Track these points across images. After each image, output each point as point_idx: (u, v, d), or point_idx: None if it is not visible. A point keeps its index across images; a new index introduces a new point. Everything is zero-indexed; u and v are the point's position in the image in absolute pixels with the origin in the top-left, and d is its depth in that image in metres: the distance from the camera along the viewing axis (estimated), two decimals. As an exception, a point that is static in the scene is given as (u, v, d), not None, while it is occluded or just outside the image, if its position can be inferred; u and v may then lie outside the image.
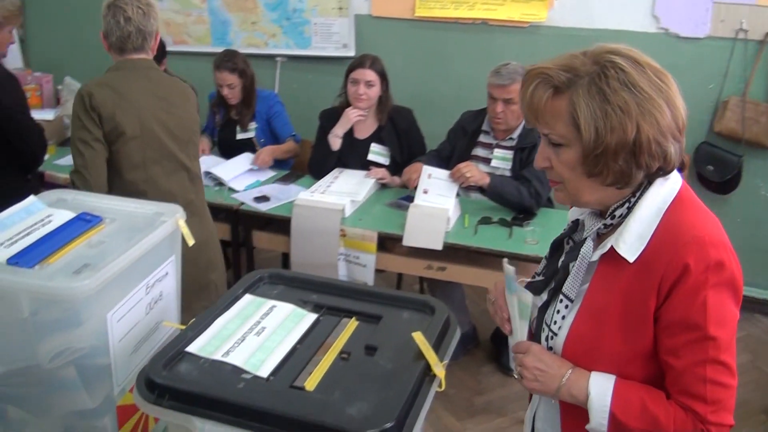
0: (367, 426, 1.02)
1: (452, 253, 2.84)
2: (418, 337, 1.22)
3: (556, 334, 1.29)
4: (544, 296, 1.35)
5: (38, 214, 1.51)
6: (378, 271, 3.26)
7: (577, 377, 1.23)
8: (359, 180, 3.30)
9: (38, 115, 4.21)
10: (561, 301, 1.29)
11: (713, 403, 1.16)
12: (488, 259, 2.82)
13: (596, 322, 1.24)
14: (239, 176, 3.48)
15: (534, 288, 1.36)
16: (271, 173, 3.62)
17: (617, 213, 1.24)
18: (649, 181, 1.22)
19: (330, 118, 3.48)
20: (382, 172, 3.37)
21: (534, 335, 1.37)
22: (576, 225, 1.36)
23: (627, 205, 1.23)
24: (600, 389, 1.20)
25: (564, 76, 1.17)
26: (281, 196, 3.25)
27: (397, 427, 1.04)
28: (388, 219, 2.99)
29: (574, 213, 1.39)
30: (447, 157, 3.31)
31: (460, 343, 3.39)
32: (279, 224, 3.18)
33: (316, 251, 2.98)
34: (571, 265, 1.29)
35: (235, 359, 1.20)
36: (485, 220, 2.98)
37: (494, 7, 4.02)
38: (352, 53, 4.35)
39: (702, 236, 1.16)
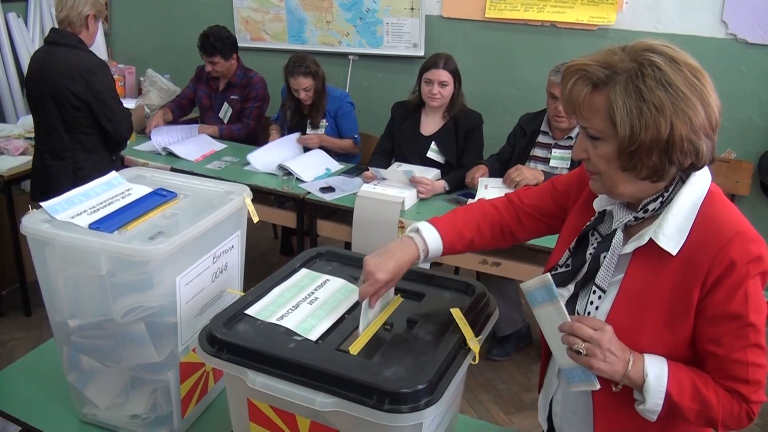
0: (400, 386, 1.12)
1: (508, 249, 2.89)
2: (456, 312, 1.31)
3: None
4: (571, 288, 1.37)
5: (119, 187, 1.68)
6: (435, 264, 3.36)
7: (635, 361, 1.24)
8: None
9: (121, 104, 4.48)
10: (594, 292, 1.32)
11: (754, 383, 1.23)
12: (543, 256, 2.87)
13: (636, 311, 1.27)
14: (310, 168, 3.62)
15: (558, 280, 1.35)
16: (339, 165, 3.75)
17: (650, 207, 1.27)
18: (682, 176, 1.25)
19: (402, 110, 3.61)
20: (425, 185, 3.22)
21: None
22: (602, 216, 1.38)
23: (660, 199, 1.26)
24: (657, 371, 1.23)
25: (602, 72, 1.19)
26: (345, 187, 3.37)
27: (429, 390, 1.13)
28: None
29: (600, 203, 1.38)
30: (507, 160, 3.36)
31: (512, 340, 3.49)
32: (342, 214, 3.31)
33: (376, 241, 3.07)
34: (602, 256, 1.31)
35: (288, 323, 1.32)
36: None
37: (563, 9, 4.05)
38: (421, 53, 4.45)
39: (744, 232, 1.21)
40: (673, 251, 1.24)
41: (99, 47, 5.36)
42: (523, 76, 4.28)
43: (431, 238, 1.44)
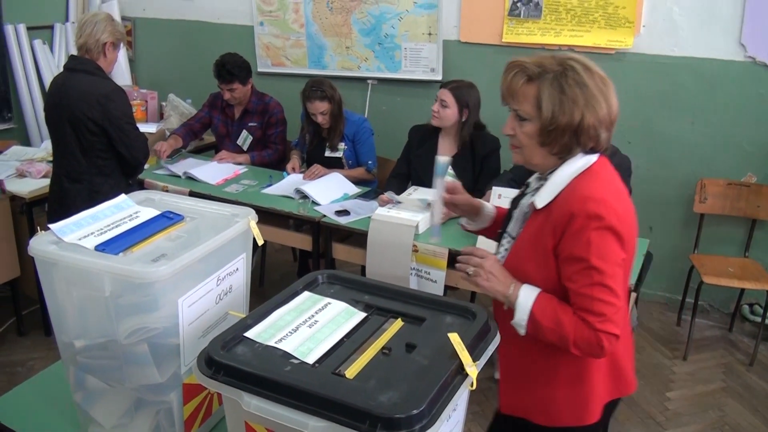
0: (394, 411, 1.11)
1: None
2: (454, 338, 1.30)
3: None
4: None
5: (128, 210, 1.70)
6: (452, 288, 3.34)
7: (516, 287, 1.60)
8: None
9: (142, 128, 4.50)
10: (505, 237, 1.76)
11: (600, 315, 1.51)
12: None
13: (520, 254, 1.66)
14: (327, 192, 3.64)
15: (498, 236, 1.82)
16: (356, 189, 3.76)
17: (549, 177, 1.63)
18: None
19: (418, 133, 3.64)
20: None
21: None
22: (527, 186, 1.78)
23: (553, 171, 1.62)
24: (527, 294, 1.58)
25: (536, 69, 1.56)
26: (361, 210, 3.38)
27: (423, 415, 1.12)
28: (461, 237, 3.05)
29: (531, 179, 1.77)
30: (520, 183, 3.36)
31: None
32: (358, 237, 3.31)
33: (390, 264, 3.09)
34: (514, 212, 1.76)
35: (287, 346, 1.32)
36: None
37: (581, 33, 4.06)
38: (439, 77, 4.48)
39: (587, 193, 1.54)
40: (538, 206, 1.61)
41: (123, 72, 5.47)
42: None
43: (490, 207, 2.00)
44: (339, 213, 3.38)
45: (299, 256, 4.47)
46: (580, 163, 1.60)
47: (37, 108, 5.06)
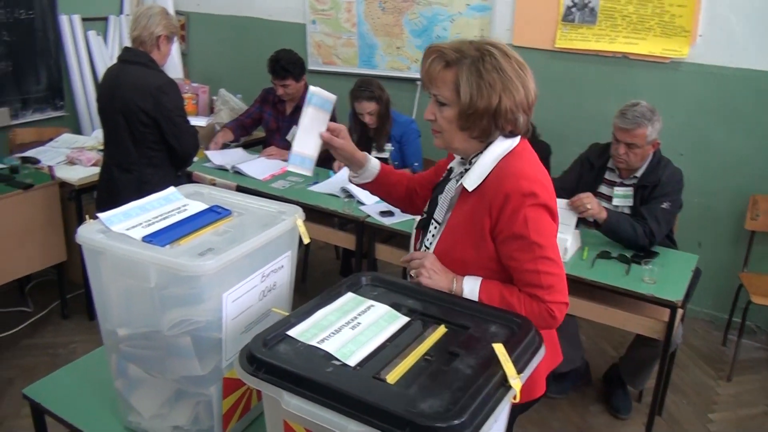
0: (435, 420, 1.09)
1: (568, 284, 2.82)
2: (499, 348, 1.28)
3: (428, 248, 1.72)
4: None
5: (176, 202, 1.71)
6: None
7: (458, 280, 1.62)
8: None
9: (193, 121, 4.58)
10: (432, 224, 1.74)
11: (548, 287, 1.58)
12: (604, 294, 2.80)
13: (452, 238, 1.67)
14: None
15: (421, 223, 1.81)
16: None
17: (473, 161, 1.66)
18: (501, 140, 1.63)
19: None
20: None
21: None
22: (449, 172, 1.78)
23: (478, 155, 1.64)
24: (471, 285, 1.61)
25: (454, 54, 1.57)
26: (404, 212, 3.35)
27: (464, 426, 1.10)
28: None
29: (453, 163, 1.78)
30: (569, 189, 3.30)
31: (570, 378, 3.40)
32: (401, 239, 3.30)
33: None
34: (439, 197, 1.74)
35: (329, 346, 1.31)
36: (604, 255, 2.96)
37: (636, 41, 3.98)
38: (489, 81, 4.43)
39: (518, 173, 1.58)
40: (469, 188, 1.63)
41: (175, 66, 5.55)
42: (592, 108, 4.21)
43: (375, 165, 1.96)
44: (384, 213, 3.37)
45: (342, 255, 4.47)
46: (505, 145, 1.63)
47: (89, 97, 5.17)
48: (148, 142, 3.13)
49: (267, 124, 4.43)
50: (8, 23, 4.64)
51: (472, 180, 1.63)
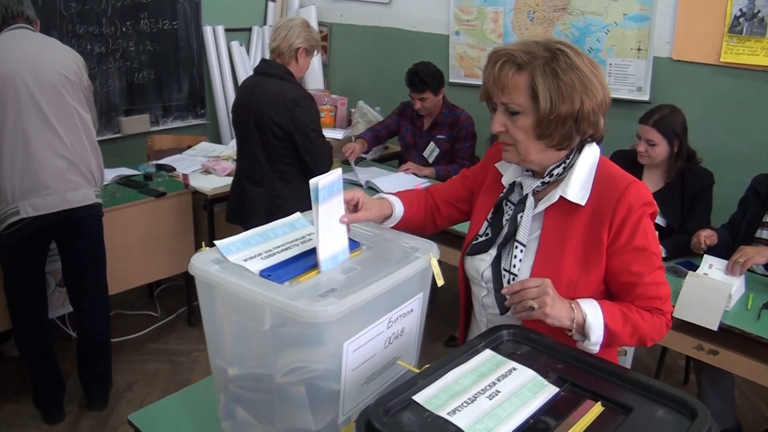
0: None
1: (728, 336, 2.46)
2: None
3: (516, 275, 1.51)
4: (493, 252, 1.58)
5: (301, 230, 1.57)
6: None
7: (576, 305, 1.43)
8: None
9: (329, 134, 4.53)
10: (516, 247, 1.53)
11: (666, 298, 1.51)
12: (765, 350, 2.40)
13: (556, 259, 1.50)
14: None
15: (479, 247, 1.61)
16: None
17: (555, 172, 1.51)
18: (579, 147, 1.50)
19: (622, 160, 3.17)
20: None
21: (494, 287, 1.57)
22: (512, 188, 1.59)
23: (563, 165, 1.50)
24: (592, 309, 1.43)
25: (525, 56, 1.42)
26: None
27: None
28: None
29: (508, 178, 1.61)
30: (737, 229, 2.92)
31: (721, 438, 2.98)
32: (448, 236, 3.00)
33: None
34: (519, 216, 1.53)
35: (461, 421, 1.10)
36: None
37: (817, 57, 3.50)
38: (646, 97, 4.08)
39: (635, 181, 1.48)
40: (582, 202, 1.48)
41: (316, 77, 5.56)
42: (760, 131, 3.74)
43: (399, 208, 1.74)
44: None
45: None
46: (596, 150, 1.53)
47: (230, 107, 5.22)
48: (281, 156, 3.05)
49: (404, 139, 4.28)
50: (152, 33, 4.79)
51: (577, 192, 1.49)
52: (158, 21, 4.79)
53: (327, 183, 1.42)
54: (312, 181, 1.39)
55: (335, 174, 1.45)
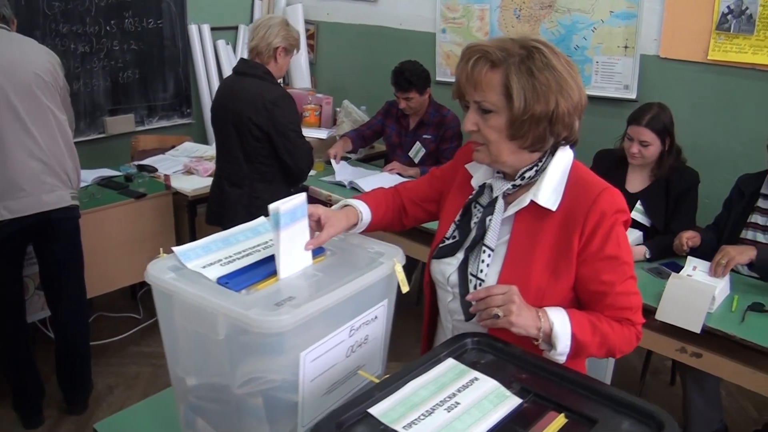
0: None
1: (712, 338, 2.42)
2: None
3: (483, 281, 1.46)
4: (460, 255, 1.52)
5: (264, 235, 1.52)
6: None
7: (543, 313, 1.37)
8: None
9: (314, 133, 4.50)
10: (484, 251, 1.47)
11: (636, 308, 1.46)
12: (753, 355, 2.35)
13: (524, 265, 1.44)
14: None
15: (446, 251, 1.55)
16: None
17: (527, 175, 1.46)
18: (552, 150, 1.45)
19: (605, 160, 3.18)
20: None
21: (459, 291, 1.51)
22: (481, 190, 1.54)
23: (535, 168, 1.45)
24: (560, 318, 1.37)
25: (499, 53, 1.36)
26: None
27: None
28: (644, 285, 2.60)
29: (478, 180, 1.56)
30: (722, 229, 2.87)
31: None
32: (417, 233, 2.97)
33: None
34: (488, 219, 1.47)
35: (416, 435, 1.06)
36: (757, 307, 2.48)
37: (804, 55, 3.47)
38: (633, 95, 4.04)
39: (609, 188, 1.43)
40: (554, 207, 1.43)
41: (303, 75, 5.51)
42: (749, 129, 3.69)
43: (366, 214, 1.66)
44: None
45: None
46: (569, 154, 1.48)
47: (215, 107, 5.19)
48: (260, 157, 3.01)
49: (389, 139, 4.23)
50: (137, 32, 4.73)
51: (549, 197, 1.44)
52: (143, 20, 4.73)
53: (289, 208, 1.36)
54: (272, 207, 1.32)
55: (299, 199, 1.38)
